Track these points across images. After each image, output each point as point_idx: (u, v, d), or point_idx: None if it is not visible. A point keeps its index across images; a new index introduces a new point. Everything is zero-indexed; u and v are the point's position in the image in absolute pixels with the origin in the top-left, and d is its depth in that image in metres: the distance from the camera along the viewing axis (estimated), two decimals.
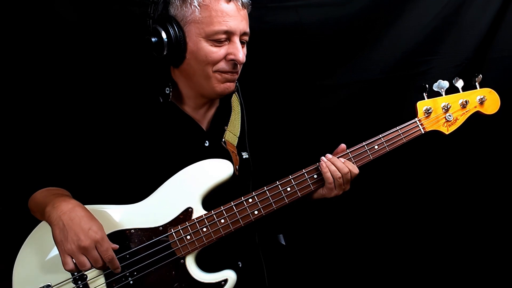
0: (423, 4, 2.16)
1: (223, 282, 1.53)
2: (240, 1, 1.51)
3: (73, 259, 1.39)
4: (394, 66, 2.21)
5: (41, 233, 1.53)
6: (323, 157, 1.58)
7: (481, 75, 1.65)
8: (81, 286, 1.49)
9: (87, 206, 1.49)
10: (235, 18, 1.49)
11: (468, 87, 1.66)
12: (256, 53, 1.65)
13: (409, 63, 2.20)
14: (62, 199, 1.45)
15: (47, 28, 1.97)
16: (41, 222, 1.54)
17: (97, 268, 1.43)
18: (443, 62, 2.19)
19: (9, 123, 2.01)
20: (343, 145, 1.62)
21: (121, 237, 1.51)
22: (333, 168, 1.55)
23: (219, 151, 1.64)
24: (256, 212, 1.54)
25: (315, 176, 1.59)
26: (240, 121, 1.73)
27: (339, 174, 1.54)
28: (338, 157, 1.58)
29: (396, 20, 2.18)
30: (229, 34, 1.50)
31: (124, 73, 2.00)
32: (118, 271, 1.46)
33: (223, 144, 1.66)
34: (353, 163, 1.59)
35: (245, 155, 1.70)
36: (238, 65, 1.55)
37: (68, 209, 1.41)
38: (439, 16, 2.15)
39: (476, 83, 1.66)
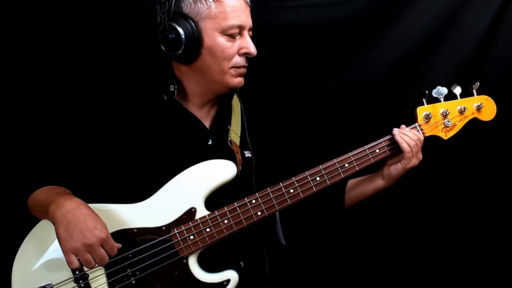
0: (423, 4, 2.16)
1: (225, 282, 1.53)
2: None
3: (78, 257, 1.38)
4: (394, 66, 2.21)
5: (42, 232, 1.53)
6: (395, 130, 1.63)
7: (478, 83, 1.67)
8: (82, 286, 1.49)
9: (89, 205, 1.48)
10: (245, 13, 1.56)
11: (465, 93, 1.68)
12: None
13: (409, 63, 2.20)
14: (66, 198, 1.45)
15: (48, 28, 1.96)
16: (42, 221, 1.54)
17: (101, 266, 1.43)
18: (443, 62, 2.19)
19: (10, 122, 2.01)
20: (403, 126, 1.67)
21: (124, 236, 1.51)
22: (407, 138, 1.61)
23: (222, 150, 1.64)
24: (259, 213, 1.55)
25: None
26: (240, 121, 1.74)
27: (414, 142, 1.60)
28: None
29: (396, 20, 2.18)
30: (241, 29, 1.55)
31: (127, 72, 2.00)
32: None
33: (229, 143, 1.66)
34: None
35: (247, 154, 1.70)
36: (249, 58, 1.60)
37: (72, 207, 1.41)
38: (439, 16, 2.15)
39: (474, 90, 1.68)
